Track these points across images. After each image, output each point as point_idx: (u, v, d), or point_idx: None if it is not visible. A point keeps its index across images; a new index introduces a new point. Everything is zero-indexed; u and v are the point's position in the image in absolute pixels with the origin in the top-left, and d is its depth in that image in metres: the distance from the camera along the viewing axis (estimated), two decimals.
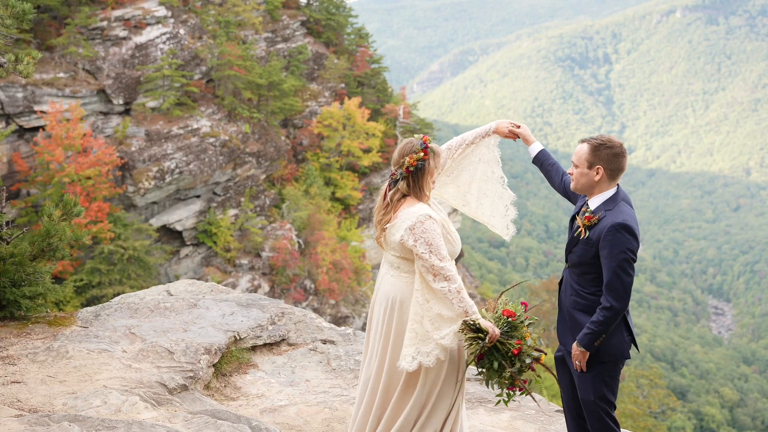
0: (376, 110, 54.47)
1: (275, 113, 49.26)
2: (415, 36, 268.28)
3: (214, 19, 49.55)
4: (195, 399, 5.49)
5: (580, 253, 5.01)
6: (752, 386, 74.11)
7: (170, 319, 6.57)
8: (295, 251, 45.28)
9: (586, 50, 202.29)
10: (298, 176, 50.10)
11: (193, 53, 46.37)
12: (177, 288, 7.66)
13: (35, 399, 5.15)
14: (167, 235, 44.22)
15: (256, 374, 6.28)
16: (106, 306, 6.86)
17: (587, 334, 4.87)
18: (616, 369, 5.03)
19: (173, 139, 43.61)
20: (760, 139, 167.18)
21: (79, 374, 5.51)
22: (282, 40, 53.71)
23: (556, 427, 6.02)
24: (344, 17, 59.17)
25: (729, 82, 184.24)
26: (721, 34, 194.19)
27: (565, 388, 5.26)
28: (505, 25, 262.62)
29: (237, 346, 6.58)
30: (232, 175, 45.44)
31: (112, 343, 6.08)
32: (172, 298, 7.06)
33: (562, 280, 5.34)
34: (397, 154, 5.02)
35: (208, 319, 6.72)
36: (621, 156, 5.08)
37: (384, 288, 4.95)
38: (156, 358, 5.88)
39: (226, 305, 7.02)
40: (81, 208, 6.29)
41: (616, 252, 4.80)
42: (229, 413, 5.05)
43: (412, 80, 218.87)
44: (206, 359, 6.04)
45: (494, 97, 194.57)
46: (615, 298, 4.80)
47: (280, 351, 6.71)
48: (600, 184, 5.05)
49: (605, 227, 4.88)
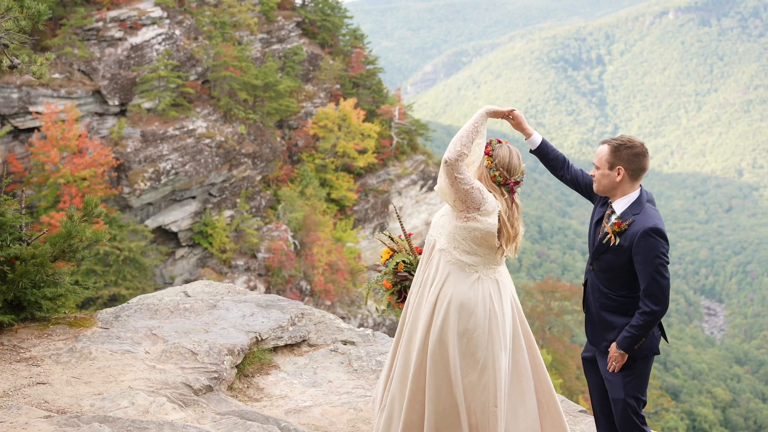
0: (372, 111, 54.49)
1: (271, 114, 49.25)
2: (409, 37, 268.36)
3: (210, 20, 49.52)
4: (221, 400, 5.50)
5: (611, 260, 5.00)
6: (745, 386, 74.25)
7: (191, 320, 6.58)
8: (291, 252, 45.27)
9: (579, 51, 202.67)
10: (294, 177, 50.08)
11: (189, 54, 46.33)
12: (194, 289, 7.67)
13: (62, 400, 5.16)
14: (163, 237, 44.16)
15: (279, 375, 6.29)
16: (125, 307, 6.86)
17: (627, 337, 4.88)
18: (647, 365, 5.04)
19: (169, 140, 43.56)
20: (752, 140, 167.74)
21: (103, 375, 5.52)
22: (277, 41, 53.70)
23: (581, 427, 6.03)
24: (339, 18, 59.17)
25: (721, 84, 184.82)
26: (713, 36, 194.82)
27: (596, 389, 5.27)
28: (499, 26, 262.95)
29: (258, 347, 6.58)
30: (228, 176, 45.41)
31: (134, 344, 6.09)
32: (191, 299, 7.07)
33: (586, 282, 5.29)
34: (516, 160, 5.05)
35: (229, 320, 6.73)
36: (642, 156, 5.02)
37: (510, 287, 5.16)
38: (179, 359, 5.89)
39: (245, 306, 7.03)
40: (101, 209, 6.31)
41: (651, 257, 4.80)
42: (257, 414, 5.07)
43: (406, 81, 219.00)
44: (230, 360, 6.05)
45: (487, 98, 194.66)
46: (655, 303, 4.81)
47: (301, 352, 6.72)
48: (622, 185, 5.02)
49: (637, 233, 4.86)
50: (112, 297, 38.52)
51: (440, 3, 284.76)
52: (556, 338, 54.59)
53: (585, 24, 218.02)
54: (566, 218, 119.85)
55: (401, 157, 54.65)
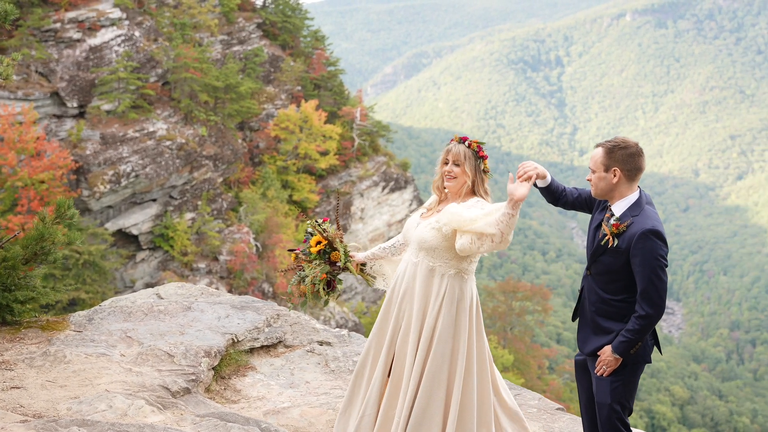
0: (333, 113, 54.44)
1: (232, 116, 49.01)
2: (369, 39, 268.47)
3: (170, 21, 49.15)
4: (199, 402, 5.46)
5: (609, 262, 4.93)
6: (702, 384, 75.23)
7: (165, 322, 6.54)
8: (253, 254, 45.10)
9: (538, 53, 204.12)
10: (255, 179, 49.88)
11: (149, 55, 45.94)
12: (167, 291, 7.62)
13: (38, 404, 5.10)
14: (123, 240, 43.74)
15: (255, 376, 6.27)
16: (98, 310, 6.80)
17: (623, 342, 4.84)
18: (637, 373, 4.99)
19: (129, 142, 43.17)
20: (708, 140, 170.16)
21: (79, 379, 5.47)
22: (238, 42, 53.46)
23: (559, 424, 6.08)
24: (300, 20, 59.04)
25: (678, 85, 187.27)
26: (669, 38, 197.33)
27: (584, 391, 5.23)
28: (458, 28, 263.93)
29: (235, 348, 6.56)
30: (189, 178, 45.10)
31: (109, 347, 6.04)
32: (165, 301, 7.02)
33: (582, 289, 5.21)
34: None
35: (204, 322, 6.69)
36: (637, 155, 4.96)
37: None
38: (156, 362, 5.85)
39: (220, 308, 7.01)
40: (74, 211, 6.23)
41: (649, 259, 4.74)
42: (237, 416, 5.06)
43: (366, 83, 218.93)
44: (206, 362, 6.01)
45: (448, 99, 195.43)
46: (651, 306, 4.77)
47: (277, 353, 6.71)
48: (619, 187, 4.95)
49: (635, 234, 4.80)
50: (72, 301, 38.08)
51: (400, 5, 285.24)
52: (517, 338, 54.95)
53: (544, 26, 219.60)
54: (527, 219, 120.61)
55: (363, 159, 54.68)
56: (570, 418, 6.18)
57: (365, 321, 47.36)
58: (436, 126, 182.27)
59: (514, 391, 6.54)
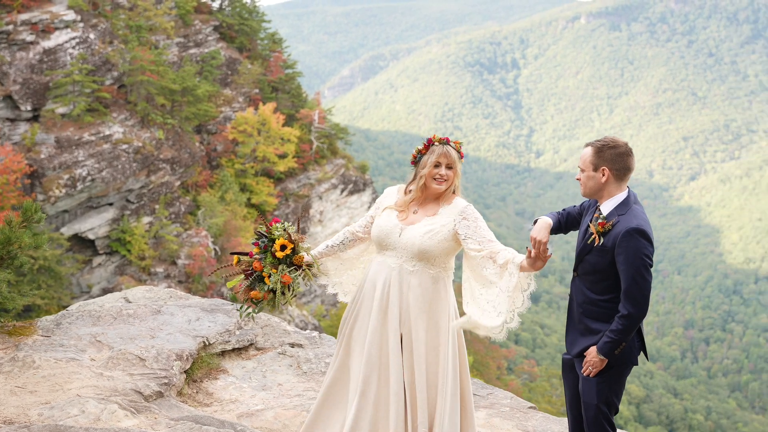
0: (291, 115, 54.29)
1: (189, 119, 48.68)
2: (326, 41, 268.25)
3: (125, 24, 48.68)
4: (172, 406, 5.43)
5: (595, 261, 4.91)
6: (657, 382, 76.16)
7: (135, 326, 6.49)
8: (212, 258, 44.83)
9: (494, 55, 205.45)
10: (213, 182, 49.58)
11: (104, 58, 45.47)
12: (135, 294, 7.56)
13: (8, 410, 5.03)
14: (79, 244, 43.22)
15: (227, 379, 6.25)
16: (66, 314, 6.73)
17: (607, 342, 4.81)
18: (623, 374, 4.98)
19: (84, 145, 42.69)
20: (662, 142, 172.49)
21: (49, 384, 5.40)
22: (194, 45, 53.10)
23: (532, 423, 6.12)
24: (257, 22, 58.78)
25: (632, 87, 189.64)
26: (623, 40, 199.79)
27: (571, 390, 5.19)
28: (415, 30, 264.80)
29: (206, 351, 6.53)
30: (146, 182, 44.70)
31: (78, 352, 5.98)
32: (134, 305, 6.98)
33: (571, 291, 5.18)
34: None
35: (175, 325, 6.65)
36: (626, 155, 4.95)
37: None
38: (127, 366, 5.81)
39: (190, 311, 6.98)
40: (42, 215, 6.15)
41: (633, 258, 4.74)
42: (212, 419, 5.04)
43: (323, 85, 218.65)
44: (178, 365, 5.98)
45: (405, 101, 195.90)
46: (633, 305, 4.75)
47: (248, 355, 6.69)
48: (608, 186, 4.95)
49: (620, 232, 4.79)
50: (27, 307, 37.52)
51: (357, 7, 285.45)
52: (476, 339, 55.19)
53: (500, 28, 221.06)
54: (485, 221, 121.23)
55: (321, 162, 54.60)
56: (543, 416, 6.23)
57: (325, 324, 47.26)
58: (393, 128, 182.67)
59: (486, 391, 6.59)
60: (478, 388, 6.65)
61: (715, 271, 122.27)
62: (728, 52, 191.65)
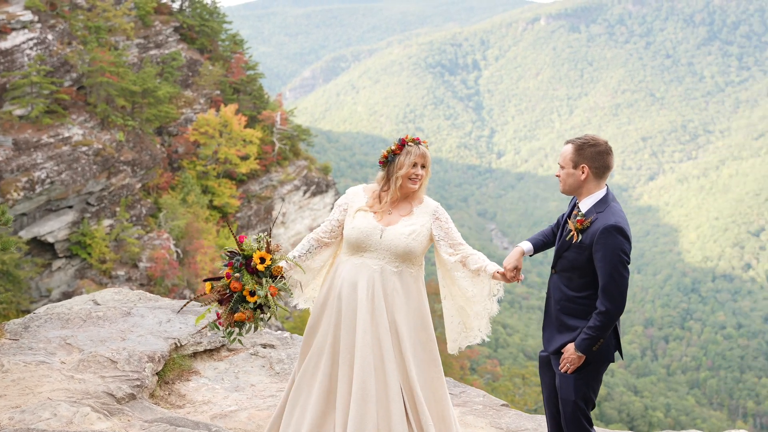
0: (253, 117, 54.10)
1: (150, 121, 48.28)
2: (287, 43, 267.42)
3: (84, 25, 48.14)
4: (145, 408, 5.40)
5: (572, 258, 4.97)
6: (618, 381, 76.89)
7: (105, 328, 6.44)
8: (174, 261, 44.51)
9: (455, 57, 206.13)
10: (175, 185, 49.23)
11: (63, 59, 44.95)
12: (103, 297, 7.49)
13: None
14: (38, 248, 42.67)
15: (200, 381, 6.22)
16: (34, 317, 6.64)
17: (585, 339, 4.86)
18: (600, 370, 5.04)
19: (43, 148, 42.17)
20: (621, 142, 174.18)
21: (19, 387, 5.33)
22: (155, 46, 52.68)
23: (505, 420, 6.17)
24: (218, 23, 58.47)
25: (591, 88, 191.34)
26: (583, 42, 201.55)
27: (548, 386, 5.24)
28: (376, 32, 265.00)
29: (178, 353, 6.49)
30: (107, 184, 44.25)
31: (48, 355, 5.91)
32: (103, 307, 6.92)
33: (549, 288, 5.25)
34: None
35: (146, 327, 6.60)
36: (605, 154, 5.04)
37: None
38: (99, 368, 5.75)
39: (161, 312, 6.93)
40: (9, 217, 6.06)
41: (610, 255, 4.79)
42: (186, 420, 5.01)
43: (285, 87, 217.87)
44: (150, 367, 5.94)
45: (366, 103, 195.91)
46: (611, 301, 4.81)
47: (220, 357, 6.66)
48: (587, 183, 5.02)
49: (598, 230, 4.84)
50: None
51: (317, 9, 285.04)
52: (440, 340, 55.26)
53: (461, 30, 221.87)
54: None
55: (284, 163, 54.46)
56: (516, 414, 6.28)
57: (288, 326, 47.12)
58: (355, 130, 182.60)
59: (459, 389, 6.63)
60: (451, 386, 6.69)
61: (673, 269, 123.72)
62: (685, 53, 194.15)
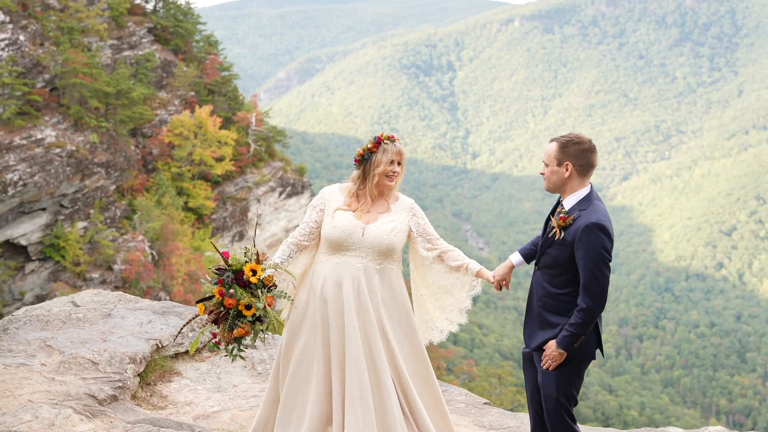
0: (228, 118, 53.93)
1: (124, 122, 47.99)
2: (261, 44, 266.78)
3: (56, 26, 47.76)
4: (127, 409, 5.38)
5: (555, 254, 5.02)
6: (593, 380, 77.27)
7: (86, 330, 6.40)
8: (149, 263, 44.28)
9: (430, 58, 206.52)
10: (149, 186, 48.98)
11: (35, 60, 44.57)
12: (83, 298, 7.44)
13: None
14: (11, 251, 42.31)
15: (181, 382, 6.21)
16: (13, 319, 6.59)
17: (566, 336, 4.91)
18: (582, 367, 5.10)
19: (15, 150, 41.80)
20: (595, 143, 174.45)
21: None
22: (128, 47, 52.37)
23: (488, 418, 6.20)
24: (192, 24, 58.23)
25: (565, 89, 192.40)
26: (556, 43, 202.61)
27: (531, 383, 5.29)
28: (351, 33, 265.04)
29: (159, 354, 6.48)
30: (80, 186, 43.93)
31: (28, 357, 5.87)
32: (83, 309, 6.88)
33: (531, 284, 5.30)
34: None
35: (126, 328, 6.57)
36: (590, 152, 5.09)
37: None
38: (80, 370, 5.72)
39: (141, 314, 6.91)
40: None
41: (592, 252, 4.84)
42: (169, 421, 5.00)
43: (259, 88, 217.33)
44: (132, 368, 5.92)
45: (341, 104, 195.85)
46: (592, 299, 4.85)
47: (202, 358, 6.65)
48: (571, 181, 5.07)
49: (580, 227, 4.89)
50: None
51: (291, 10, 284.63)
52: None
53: (435, 31, 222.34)
54: None
55: (259, 164, 54.35)
56: (498, 412, 6.32)
57: None
58: (330, 131, 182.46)
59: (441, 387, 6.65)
60: None
61: (647, 269, 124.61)
62: (657, 54, 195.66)
